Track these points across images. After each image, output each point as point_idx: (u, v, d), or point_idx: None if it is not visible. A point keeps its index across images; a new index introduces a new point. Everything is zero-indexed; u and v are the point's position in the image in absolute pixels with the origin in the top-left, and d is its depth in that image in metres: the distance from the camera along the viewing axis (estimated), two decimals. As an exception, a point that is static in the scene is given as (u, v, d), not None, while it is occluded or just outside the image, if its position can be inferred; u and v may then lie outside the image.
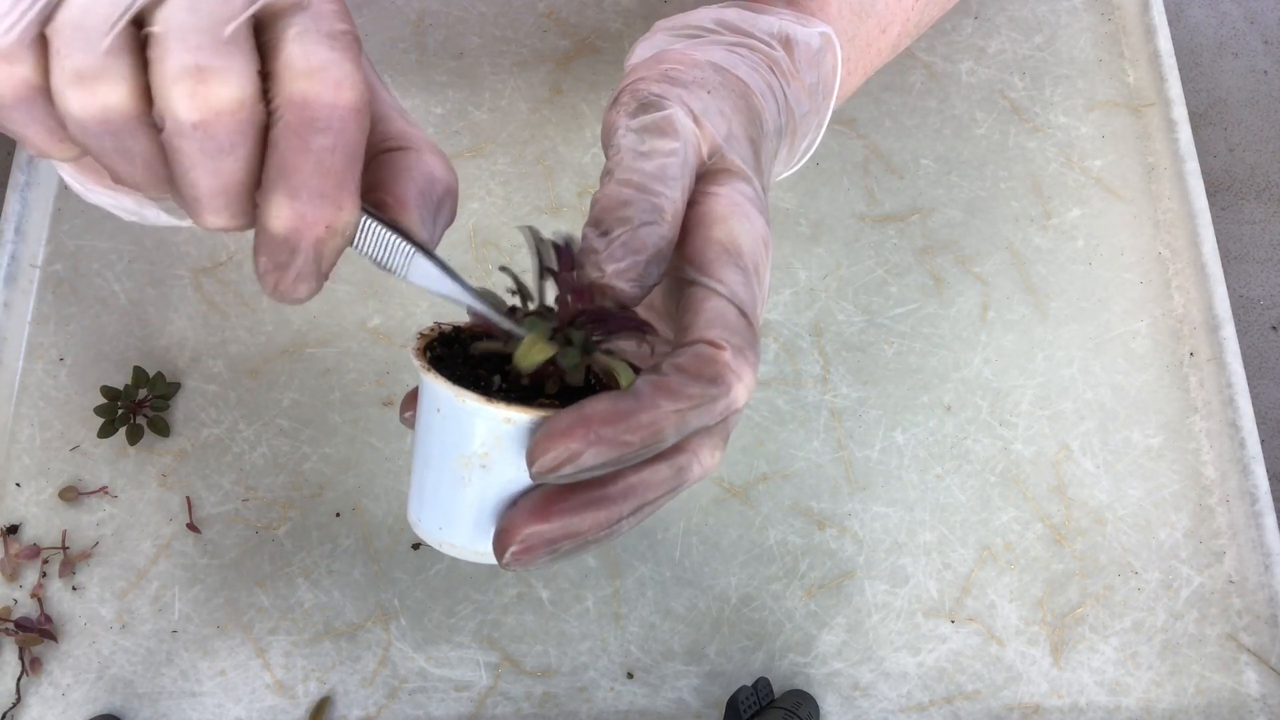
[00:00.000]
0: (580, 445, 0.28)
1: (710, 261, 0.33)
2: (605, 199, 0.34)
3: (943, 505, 0.56)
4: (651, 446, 0.29)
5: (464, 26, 0.67)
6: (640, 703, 0.53)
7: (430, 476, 0.33)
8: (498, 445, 0.31)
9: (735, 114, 0.38)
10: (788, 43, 0.43)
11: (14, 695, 0.53)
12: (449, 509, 0.32)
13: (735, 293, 0.32)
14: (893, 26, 0.51)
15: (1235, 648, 0.54)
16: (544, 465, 0.29)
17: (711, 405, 0.30)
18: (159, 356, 0.59)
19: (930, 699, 0.53)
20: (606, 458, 0.29)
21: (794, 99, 0.42)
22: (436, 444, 0.32)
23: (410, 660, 0.53)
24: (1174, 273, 0.61)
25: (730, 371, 0.30)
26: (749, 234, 0.34)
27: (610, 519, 0.30)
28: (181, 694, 0.53)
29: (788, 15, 0.44)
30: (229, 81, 0.25)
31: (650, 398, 0.29)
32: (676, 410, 0.29)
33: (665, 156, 0.34)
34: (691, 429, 0.30)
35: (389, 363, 0.59)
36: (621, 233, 0.33)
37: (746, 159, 0.37)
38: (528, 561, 0.30)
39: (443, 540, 0.33)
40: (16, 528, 0.56)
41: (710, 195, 0.35)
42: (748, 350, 0.31)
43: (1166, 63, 0.64)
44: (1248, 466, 0.56)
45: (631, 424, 0.29)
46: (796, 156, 0.46)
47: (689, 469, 0.31)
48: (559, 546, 0.30)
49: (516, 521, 0.30)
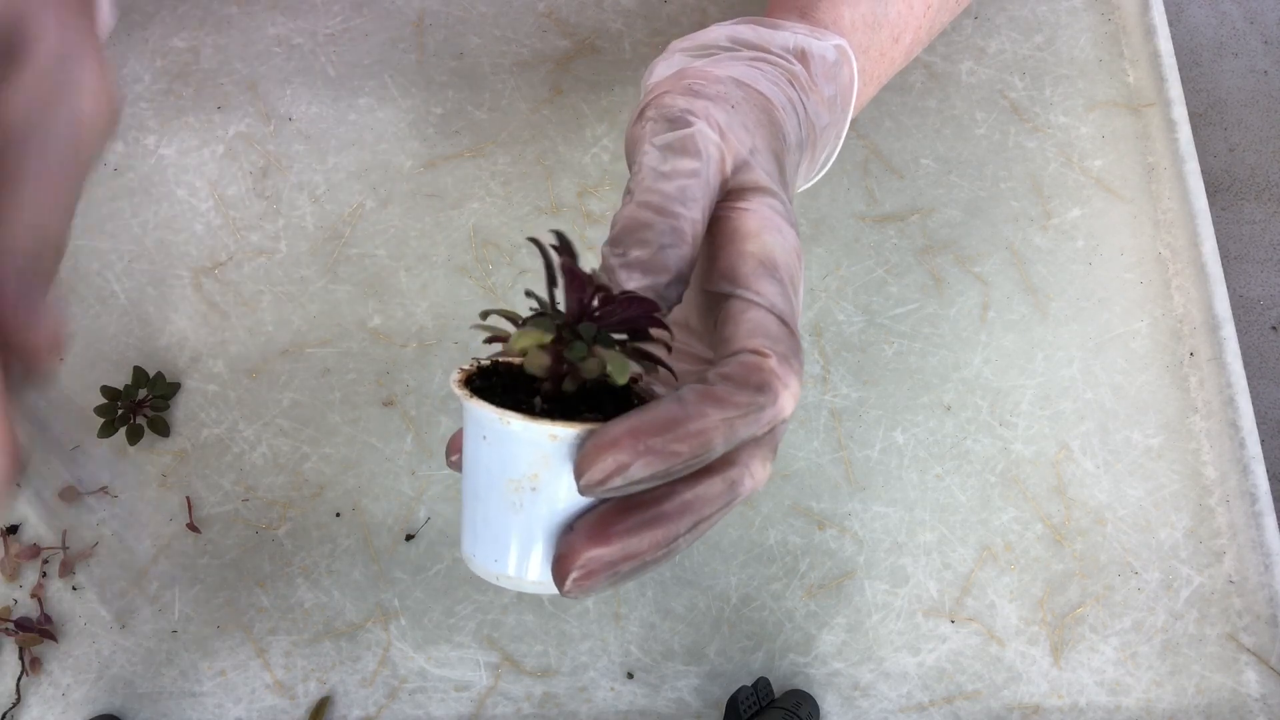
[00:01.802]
0: (629, 456, 0.28)
1: (747, 275, 0.33)
2: (626, 220, 0.34)
3: (943, 505, 0.56)
4: (700, 457, 0.29)
5: (464, 26, 0.67)
6: (640, 703, 0.53)
7: (480, 508, 0.32)
8: (545, 465, 0.30)
9: (759, 129, 0.38)
10: (804, 57, 0.43)
11: (14, 695, 0.53)
12: (502, 539, 0.31)
13: (774, 304, 0.32)
14: (905, 35, 0.51)
15: (1235, 648, 0.54)
16: (593, 478, 0.28)
17: (759, 414, 0.30)
18: (159, 356, 0.59)
19: (930, 699, 0.53)
20: (656, 469, 0.28)
21: (814, 112, 0.42)
22: (484, 472, 0.31)
23: (410, 660, 0.53)
24: (1174, 273, 0.61)
25: (776, 379, 0.30)
26: (782, 247, 0.34)
27: (668, 537, 0.29)
28: (181, 694, 0.53)
29: (802, 30, 0.44)
30: None
31: (698, 406, 0.29)
32: (725, 419, 0.29)
33: (686, 177, 0.34)
34: (740, 439, 0.30)
35: (389, 363, 0.59)
36: (640, 254, 0.33)
37: (772, 173, 0.37)
38: (590, 587, 0.29)
39: (500, 574, 0.32)
40: (16, 528, 0.56)
41: (740, 211, 0.35)
42: (792, 358, 0.31)
43: (1166, 63, 0.64)
44: (1248, 466, 0.56)
45: (680, 433, 0.28)
46: (817, 168, 0.46)
47: (741, 482, 0.31)
48: (619, 569, 0.29)
49: (575, 546, 0.29)
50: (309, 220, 0.62)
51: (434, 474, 0.56)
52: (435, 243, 0.61)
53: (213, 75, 0.65)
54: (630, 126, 0.38)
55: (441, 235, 0.61)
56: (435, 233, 0.61)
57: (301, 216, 0.62)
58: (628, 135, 0.38)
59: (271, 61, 0.66)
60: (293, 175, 0.63)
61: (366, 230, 0.61)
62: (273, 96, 0.65)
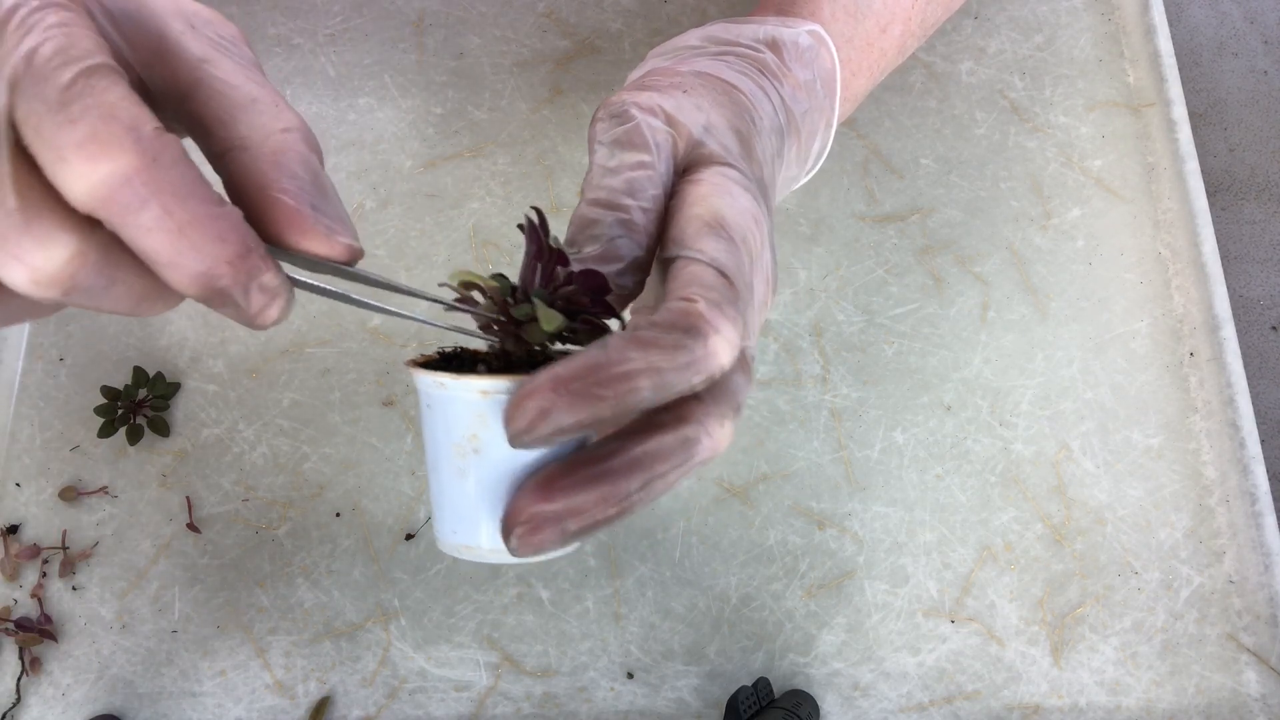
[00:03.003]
0: (548, 401, 0.28)
1: (691, 235, 0.33)
2: (577, 219, 0.35)
3: (943, 505, 0.56)
4: (627, 400, 0.28)
5: (464, 26, 0.67)
6: (640, 703, 0.53)
7: (436, 481, 0.33)
8: (483, 424, 0.31)
9: (715, 107, 0.38)
10: (774, 44, 0.44)
11: (14, 695, 0.53)
12: (456, 508, 0.32)
13: (715, 258, 0.32)
14: (893, 26, 0.51)
15: (1235, 648, 0.54)
16: (518, 426, 0.28)
17: (686, 355, 0.29)
18: (159, 356, 0.59)
19: (930, 699, 0.53)
20: (581, 415, 0.28)
21: (790, 97, 0.43)
22: (433, 444, 0.32)
23: (410, 660, 0.53)
24: (1174, 273, 0.61)
25: (704, 322, 0.30)
26: (732, 208, 0.34)
27: (617, 494, 0.29)
28: (181, 694, 0.53)
29: (773, 21, 0.45)
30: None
31: (621, 351, 0.29)
32: (649, 363, 0.28)
33: (632, 170, 0.35)
34: (673, 386, 0.29)
35: (389, 363, 0.59)
36: (592, 249, 0.33)
37: (729, 147, 0.37)
38: (537, 544, 0.29)
39: (459, 545, 0.32)
40: (16, 528, 0.56)
41: (690, 181, 0.35)
42: (725, 305, 0.30)
43: (1166, 63, 0.64)
44: (1248, 466, 0.56)
45: (602, 376, 0.28)
46: (810, 158, 0.46)
47: (697, 440, 0.30)
48: (566, 525, 0.29)
49: (519, 503, 0.29)
50: (309, 220, 0.62)
51: (434, 474, 0.56)
52: (435, 243, 0.61)
53: (213, 75, 0.65)
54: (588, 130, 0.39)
55: (441, 235, 0.61)
56: (435, 233, 0.61)
57: (301, 216, 0.62)
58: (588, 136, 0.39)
59: (271, 61, 0.66)
60: (293, 175, 0.63)
61: (366, 230, 0.61)
62: (273, 96, 0.65)
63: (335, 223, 0.28)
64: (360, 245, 0.29)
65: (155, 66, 0.28)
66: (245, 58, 0.29)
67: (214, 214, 0.25)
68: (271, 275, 0.26)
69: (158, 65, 0.28)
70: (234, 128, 0.28)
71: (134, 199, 0.23)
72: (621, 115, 0.37)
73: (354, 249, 0.28)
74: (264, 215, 0.27)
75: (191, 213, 0.24)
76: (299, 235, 0.27)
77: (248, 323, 0.27)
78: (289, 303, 0.27)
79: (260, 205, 0.27)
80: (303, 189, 0.28)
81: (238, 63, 0.29)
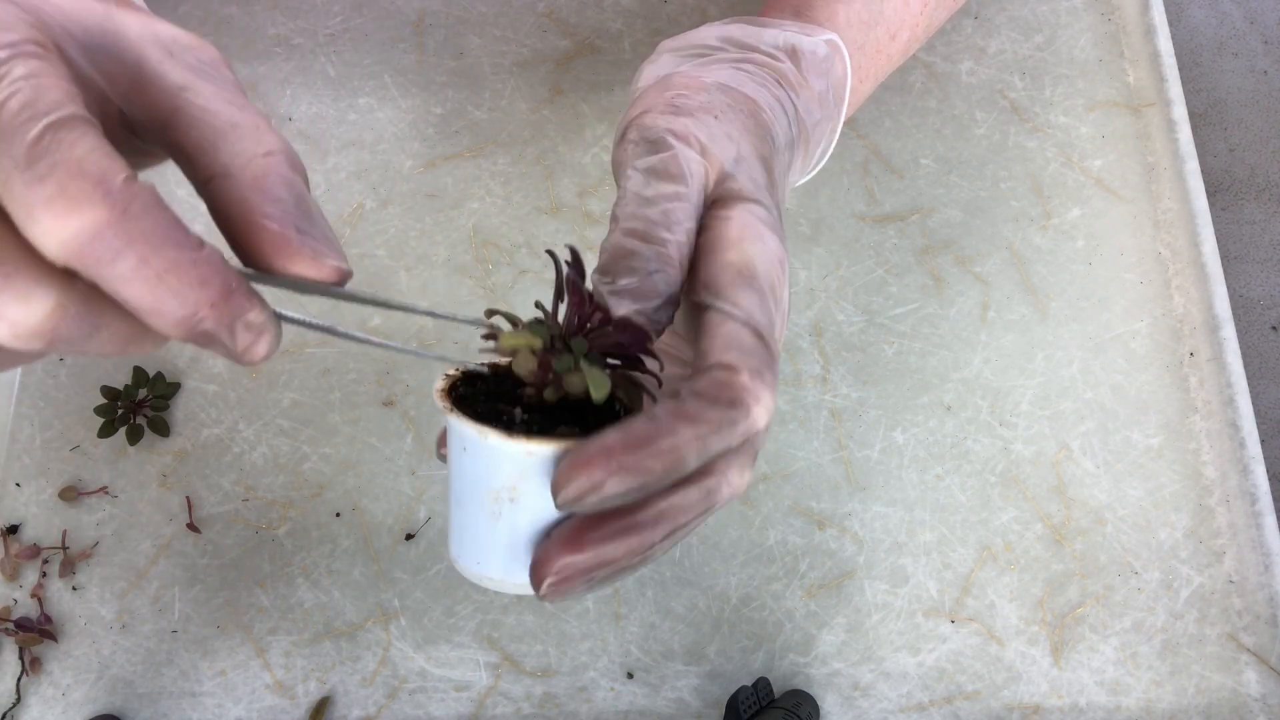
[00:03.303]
0: (603, 475, 0.28)
1: (725, 285, 0.33)
2: (613, 249, 0.34)
3: (943, 505, 0.56)
4: (673, 472, 0.29)
5: (464, 26, 0.67)
6: (640, 703, 0.53)
7: (463, 514, 0.33)
8: (523, 478, 0.31)
9: (744, 135, 0.38)
10: (794, 53, 0.43)
11: (14, 695, 0.53)
12: (484, 544, 0.32)
13: (751, 315, 0.32)
14: (902, 32, 0.51)
15: (1235, 648, 0.54)
16: (568, 496, 0.29)
17: (731, 428, 0.30)
18: (159, 356, 0.59)
19: (930, 699, 0.53)
20: (629, 485, 0.29)
21: (804, 109, 0.43)
22: (468, 482, 0.32)
23: (410, 660, 0.53)
24: (1174, 273, 0.61)
25: (748, 394, 0.30)
26: (762, 255, 0.34)
27: (643, 545, 0.30)
28: (181, 694, 0.53)
29: (792, 27, 0.44)
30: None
31: (670, 424, 0.29)
32: (696, 435, 0.29)
33: (670, 200, 0.35)
34: (713, 453, 0.30)
35: (389, 363, 0.59)
36: (628, 282, 0.33)
37: (757, 179, 0.37)
38: (565, 592, 0.30)
39: (482, 575, 0.33)
40: (16, 528, 0.56)
41: (721, 219, 0.35)
42: (765, 371, 0.31)
43: (1166, 63, 0.64)
44: (1248, 466, 0.56)
45: (652, 451, 0.29)
46: (812, 164, 0.46)
47: (718, 491, 0.31)
48: (594, 575, 0.30)
49: (551, 553, 0.30)
50: (309, 220, 0.62)
51: (434, 474, 0.56)
52: (435, 243, 0.61)
53: (213, 75, 0.65)
54: (614, 148, 0.39)
55: (441, 235, 0.61)
56: (435, 233, 0.61)
57: (301, 216, 0.62)
58: (613, 157, 0.39)
59: (271, 61, 0.66)
60: (293, 175, 0.63)
61: (366, 230, 0.61)
62: (273, 96, 0.65)
63: (322, 244, 0.28)
64: (348, 266, 0.29)
65: (135, 96, 0.28)
66: (226, 81, 0.29)
67: (192, 258, 0.25)
68: (256, 312, 0.26)
69: (137, 95, 0.28)
70: (216, 155, 0.28)
71: (108, 251, 0.24)
72: (658, 142, 0.36)
73: (342, 271, 0.28)
74: (250, 242, 0.27)
75: (168, 259, 0.24)
76: (286, 260, 0.27)
77: (236, 360, 0.27)
78: (276, 338, 0.27)
79: (246, 232, 0.27)
80: (287, 213, 0.28)
81: (218, 87, 0.29)
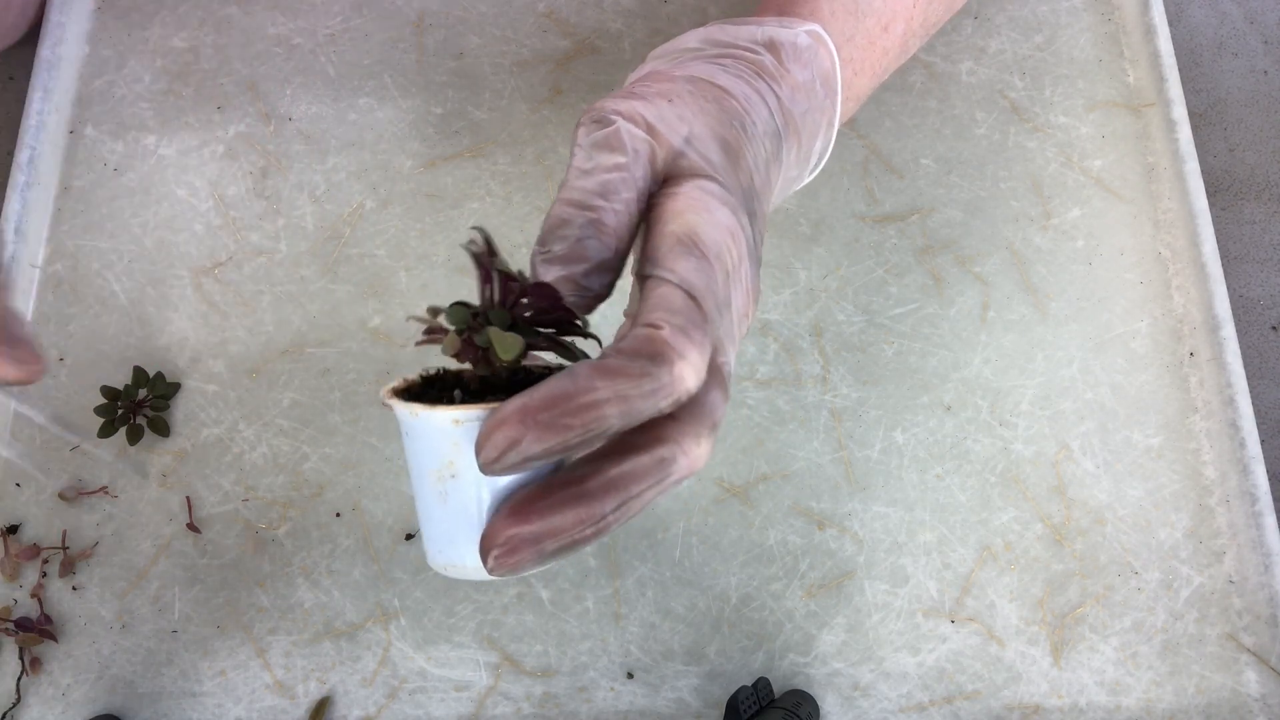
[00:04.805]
0: (519, 431, 0.28)
1: (664, 254, 0.33)
2: (549, 219, 0.35)
3: (943, 505, 0.56)
4: (594, 429, 0.29)
5: (464, 26, 0.67)
6: (640, 703, 0.53)
7: (420, 504, 0.33)
8: (458, 451, 0.31)
9: (700, 116, 0.38)
10: (773, 45, 0.43)
11: (14, 695, 0.53)
12: (439, 529, 0.33)
13: (685, 279, 0.32)
14: (896, 24, 0.51)
15: (1235, 648, 0.54)
16: (489, 456, 0.29)
17: (652, 383, 0.29)
18: (159, 356, 0.59)
19: (930, 699, 0.53)
20: (549, 443, 0.29)
21: (788, 98, 0.43)
22: (414, 469, 0.33)
23: (410, 660, 0.53)
24: (1174, 273, 0.61)
25: (670, 348, 0.30)
26: (708, 224, 0.34)
27: (593, 515, 0.30)
28: (181, 694, 0.53)
29: (772, 22, 0.45)
30: None
31: (588, 380, 0.29)
32: (614, 390, 0.29)
33: (608, 172, 0.35)
34: (640, 412, 0.30)
35: (389, 363, 0.59)
36: (559, 249, 0.34)
37: (711, 158, 0.37)
38: (514, 565, 0.30)
39: (446, 564, 0.33)
40: (16, 528, 0.56)
41: (669, 195, 0.35)
42: (691, 330, 0.31)
43: (1166, 63, 0.64)
44: (1248, 466, 0.56)
45: (569, 407, 0.29)
46: (813, 158, 0.46)
47: (674, 460, 0.31)
48: (543, 546, 0.30)
49: (497, 525, 0.30)
50: (309, 220, 0.62)
51: (434, 474, 0.56)
52: (435, 243, 0.61)
53: (213, 75, 0.65)
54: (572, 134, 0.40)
55: (441, 235, 0.61)
56: (435, 233, 0.61)
57: (301, 216, 0.62)
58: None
59: (271, 61, 0.66)
60: (293, 175, 0.63)
61: (366, 230, 0.61)
62: (273, 96, 0.65)
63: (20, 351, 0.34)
64: (43, 361, 0.35)
65: None
66: None
67: None
68: None
69: None
70: None
71: None
72: (602, 120, 0.37)
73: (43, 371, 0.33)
74: None
75: None
76: None
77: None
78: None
79: None
80: None
81: None
